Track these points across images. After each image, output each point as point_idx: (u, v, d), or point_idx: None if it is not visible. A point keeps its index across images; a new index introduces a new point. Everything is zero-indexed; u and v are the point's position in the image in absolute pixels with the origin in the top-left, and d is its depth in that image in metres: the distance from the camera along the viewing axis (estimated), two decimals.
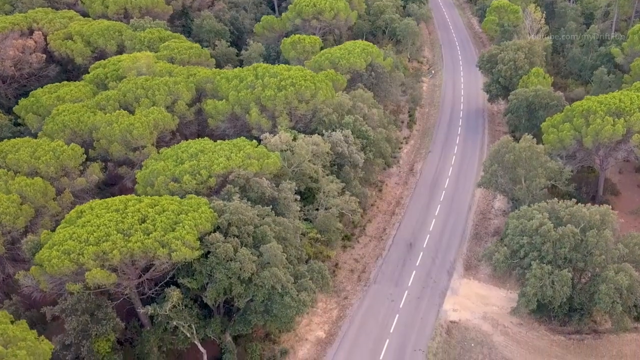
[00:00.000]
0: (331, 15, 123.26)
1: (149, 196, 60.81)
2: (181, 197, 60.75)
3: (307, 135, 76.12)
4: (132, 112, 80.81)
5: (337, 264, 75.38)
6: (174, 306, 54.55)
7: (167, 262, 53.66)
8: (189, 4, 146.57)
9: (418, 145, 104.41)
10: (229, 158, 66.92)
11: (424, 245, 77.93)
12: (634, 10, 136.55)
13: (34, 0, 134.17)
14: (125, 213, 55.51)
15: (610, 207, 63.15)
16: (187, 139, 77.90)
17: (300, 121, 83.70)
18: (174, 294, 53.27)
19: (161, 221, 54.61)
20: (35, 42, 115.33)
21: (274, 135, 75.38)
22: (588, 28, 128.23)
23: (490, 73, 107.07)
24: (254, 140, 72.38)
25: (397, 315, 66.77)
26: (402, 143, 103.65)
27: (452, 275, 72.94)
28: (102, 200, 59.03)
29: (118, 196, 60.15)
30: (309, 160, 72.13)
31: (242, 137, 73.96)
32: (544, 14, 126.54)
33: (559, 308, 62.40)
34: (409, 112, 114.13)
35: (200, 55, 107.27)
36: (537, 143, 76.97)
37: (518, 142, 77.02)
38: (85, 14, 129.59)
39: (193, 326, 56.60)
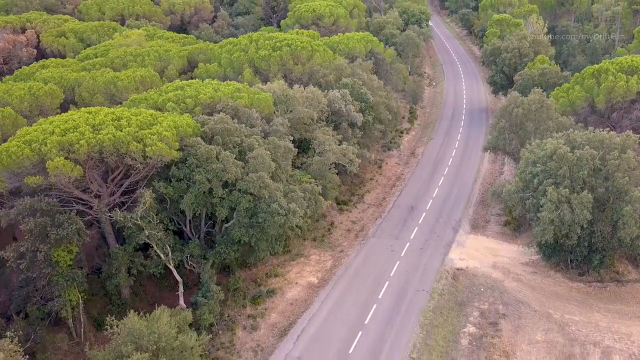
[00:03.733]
0: (331, 20, 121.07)
1: None
2: None
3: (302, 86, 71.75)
4: None
5: (332, 223, 69.20)
6: (145, 217, 48.20)
7: (141, 163, 47.87)
8: (187, 20, 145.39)
9: (419, 135, 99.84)
10: (217, 90, 62.28)
11: (427, 208, 71.94)
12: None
13: (29, 6, 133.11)
14: (98, 113, 50.34)
15: None
16: None
17: (295, 84, 79.27)
18: (146, 194, 47.18)
19: (137, 120, 49.36)
20: (27, 38, 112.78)
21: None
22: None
23: (493, 64, 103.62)
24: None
25: (398, 262, 60.17)
26: (402, 133, 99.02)
27: (457, 231, 66.72)
28: None
29: None
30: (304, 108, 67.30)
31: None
32: (546, 23, 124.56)
33: (578, 247, 55.90)
34: (410, 109, 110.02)
35: (196, 44, 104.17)
36: None
37: None
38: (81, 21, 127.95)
39: (168, 247, 50.19)
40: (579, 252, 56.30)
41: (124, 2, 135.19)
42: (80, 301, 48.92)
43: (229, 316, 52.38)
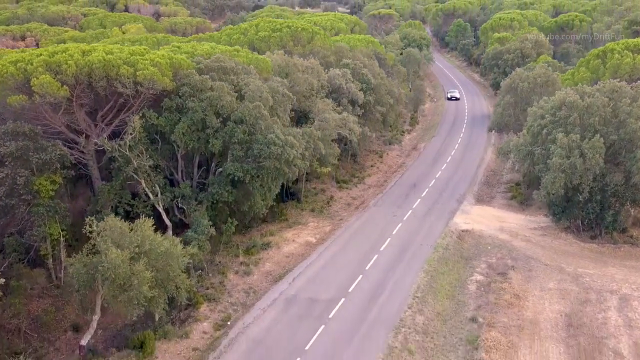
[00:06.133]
0: (332, 34, 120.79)
1: None
2: None
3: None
4: None
5: (332, 197, 66.46)
6: (134, 149, 45.61)
7: (131, 91, 45.61)
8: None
9: (421, 135, 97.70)
10: (214, 48, 60.60)
11: (430, 185, 69.28)
12: None
13: (31, 19, 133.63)
14: (88, 46, 48.47)
15: None
16: None
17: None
18: (135, 119, 44.76)
19: (129, 49, 47.51)
20: (27, 45, 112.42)
21: None
22: None
23: (495, 67, 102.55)
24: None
25: (400, 224, 57.27)
26: (404, 132, 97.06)
27: (462, 202, 63.91)
28: None
29: None
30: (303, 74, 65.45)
31: None
32: (547, 38, 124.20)
33: (589, 203, 52.93)
34: (411, 116, 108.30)
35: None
36: None
37: None
38: None
39: (157, 186, 47.42)
40: (591, 209, 53.31)
41: (126, 17, 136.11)
42: (62, 239, 45.82)
43: (220, 262, 49.15)
